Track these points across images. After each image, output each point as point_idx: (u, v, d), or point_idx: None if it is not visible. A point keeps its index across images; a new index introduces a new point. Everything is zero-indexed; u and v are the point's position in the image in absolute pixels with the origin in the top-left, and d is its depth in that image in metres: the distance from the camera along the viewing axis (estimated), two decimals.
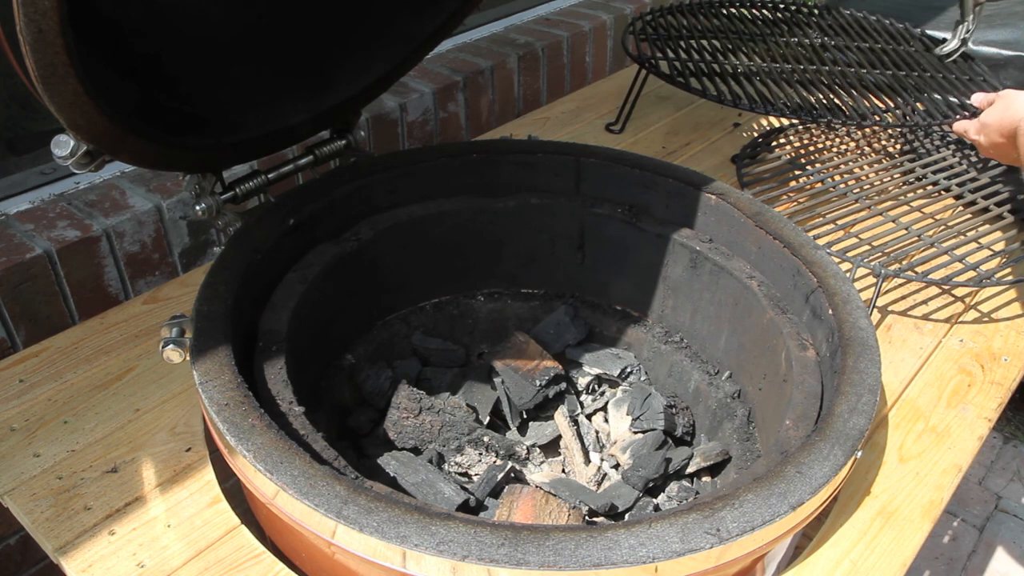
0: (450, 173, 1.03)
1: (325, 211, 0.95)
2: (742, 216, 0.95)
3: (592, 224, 1.05)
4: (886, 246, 1.13)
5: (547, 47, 1.68)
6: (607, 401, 1.04)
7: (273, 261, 0.88)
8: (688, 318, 1.03)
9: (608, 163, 1.03)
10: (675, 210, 1.01)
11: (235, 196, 0.92)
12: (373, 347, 1.03)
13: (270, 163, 0.99)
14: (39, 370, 0.93)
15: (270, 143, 0.94)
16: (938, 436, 0.90)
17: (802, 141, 1.45)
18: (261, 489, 0.65)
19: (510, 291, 1.11)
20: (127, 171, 1.20)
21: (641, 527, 0.60)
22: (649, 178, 1.02)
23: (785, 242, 0.90)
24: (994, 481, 1.91)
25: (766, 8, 1.61)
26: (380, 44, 1.00)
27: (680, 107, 1.59)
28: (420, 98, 1.46)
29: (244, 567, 0.73)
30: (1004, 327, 1.07)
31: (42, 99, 0.62)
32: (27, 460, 0.82)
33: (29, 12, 0.55)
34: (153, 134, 0.76)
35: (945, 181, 1.31)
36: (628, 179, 1.03)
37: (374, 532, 0.58)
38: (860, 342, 0.77)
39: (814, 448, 0.67)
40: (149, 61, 0.81)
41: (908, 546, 0.77)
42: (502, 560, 0.57)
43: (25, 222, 1.08)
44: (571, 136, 1.46)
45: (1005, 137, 0.98)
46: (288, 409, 0.73)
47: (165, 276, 1.17)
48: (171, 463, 0.83)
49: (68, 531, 0.75)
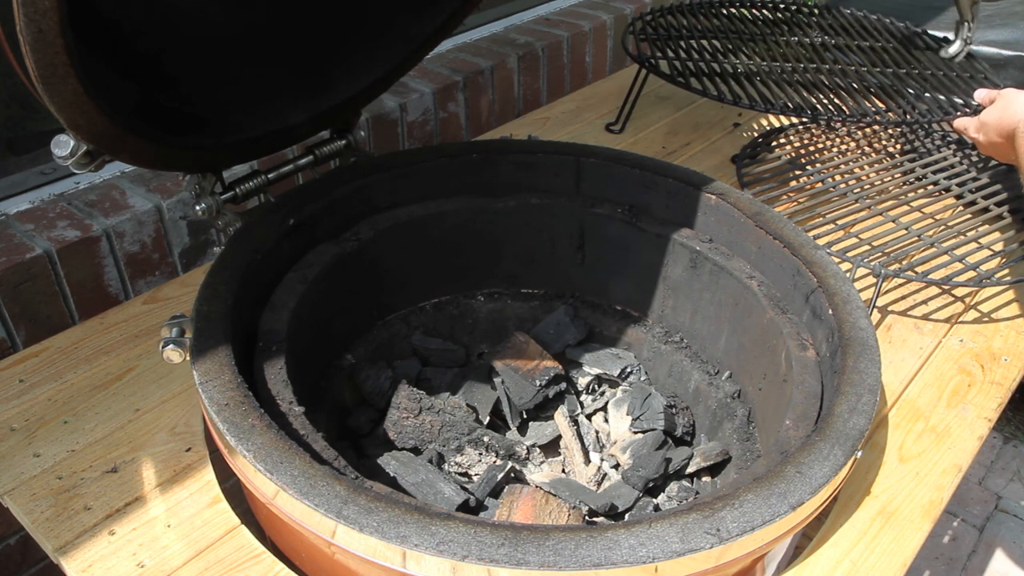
0: (450, 173, 1.03)
1: (325, 211, 0.95)
2: (742, 216, 0.95)
3: (592, 224, 1.05)
4: (886, 246, 1.13)
5: (547, 47, 1.68)
6: (607, 401, 1.04)
7: (273, 261, 0.88)
8: (688, 318, 1.03)
9: (608, 163, 1.03)
10: (675, 210, 1.01)
11: (235, 196, 0.92)
12: (373, 347, 1.03)
13: (270, 163, 0.99)
14: (39, 370, 0.93)
15: (270, 143, 0.94)
16: (938, 436, 0.90)
17: (802, 141, 1.45)
18: (261, 489, 0.65)
19: (510, 291, 1.11)
20: (127, 171, 1.20)
21: (641, 527, 0.60)
22: (649, 178, 1.02)
23: (785, 242, 0.90)
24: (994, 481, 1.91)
25: (766, 8, 1.61)
26: (380, 44, 1.00)
27: (680, 107, 1.59)
28: (420, 98, 1.46)
29: (244, 567, 0.73)
30: (1004, 327, 1.07)
31: (42, 99, 0.62)
32: (27, 460, 0.82)
33: (29, 12, 0.55)
34: (153, 134, 0.76)
35: (945, 181, 1.31)
36: (628, 179, 1.03)
37: (374, 532, 0.58)
38: (860, 342, 0.77)
39: (814, 448, 0.67)
40: (149, 61, 0.81)
41: (908, 546, 0.77)
42: (502, 560, 0.57)
43: (25, 222, 1.08)
44: (571, 136, 1.46)
45: (1003, 137, 0.97)
46: (288, 409, 0.73)
47: (165, 276, 1.17)
48: (171, 463, 0.83)
49: (68, 531, 0.75)
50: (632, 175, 1.02)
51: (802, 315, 0.88)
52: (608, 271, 1.07)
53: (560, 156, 1.04)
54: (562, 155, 1.04)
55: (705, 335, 1.02)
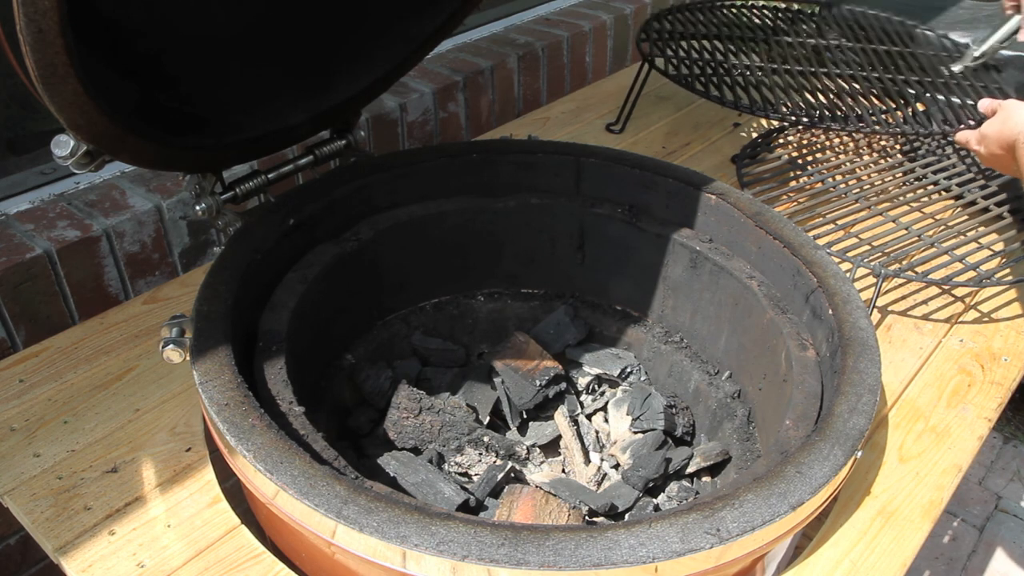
0: (450, 173, 1.03)
1: (325, 211, 0.95)
2: (742, 216, 0.95)
3: (592, 224, 1.05)
4: (886, 246, 1.13)
5: (547, 47, 1.68)
6: (607, 401, 1.04)
7: (273, 261, 0.88)
8: (688, 318, 1.03)
9: (608, 163, 1.03)
10: (675, 210, 1.01)
11: (235, 196, 0.92)
12: (373, 347, 1.03)
13: (270, 163, 0.99)
14: (39, 370, 0.93)
15: (270, 143, 0.94)
16: (938, 436, 0.90)
17: (802, 141, 1.45)
18: (261, 489, 0.65)
19: (510, 291, 1.11)
20: (127, 171, 1.20)
21: (641, 527, 0.60)
22: (649, 178, 1.02)
23: (785, 242, 0.90)
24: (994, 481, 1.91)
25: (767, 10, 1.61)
26: (380, 44, 1.00)
27: (680, 107, 1.59)
28: (420, 98, 1.46)
29: (244, 567, 0.73)
30: (1004, 327, 1.07)
31: (42, 99, 0.62)
32: (27, 460, 0.82)
33: (29, 12, 0.55)
34: (153, 134, 0.76)
35: (945, 181, 1.31)
36: (628, 179, 1.03)
37: (374, 532, 0.58)
38: (860, 342, 0.77)
39: (814, 448, 0.67)
40: (149, 61, 0.81)
41: (908, 546, 0.77)
42: (502, 560, 0.57)
43: (25, 222, 1.08)
44: (571, 136, 1.46)
45: (1004, 149, 0.97)
46: (288, 409, 0.73)
47: (165, 276, 1.17)
48: (171, 463, 0.83)
49: (68, 531, 0.75)
50: (632, 175, 1.02)
51: (802, 315, 0.88)
52: (608, 271, 1.07)
53: (560, 156, 1.04)
54: (562, 155, 1.04)
55: (705, 335, 1.02)
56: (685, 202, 1.00)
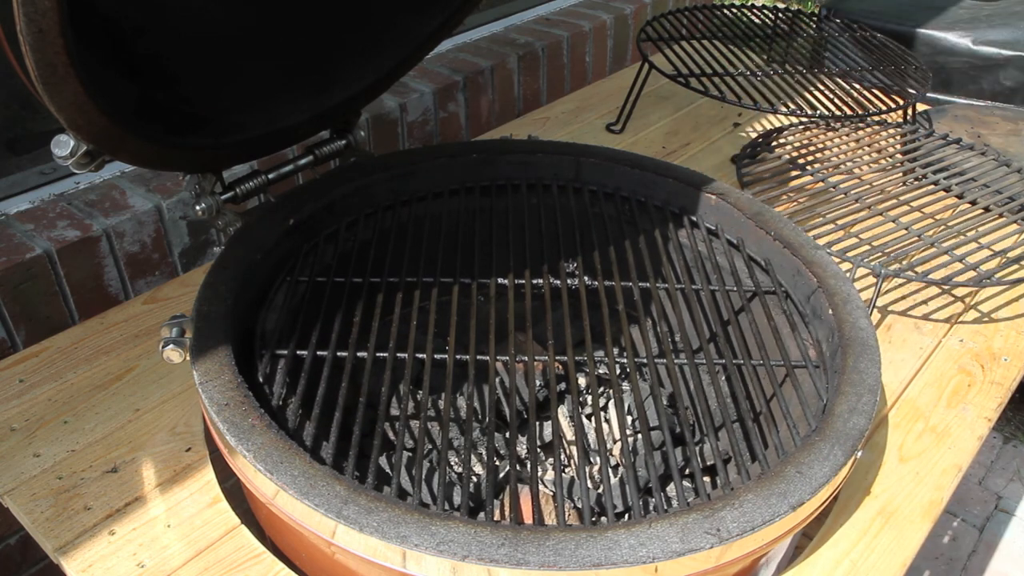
0: (450, 173, 1.03)
1: (325, 211, 0.95)
2: (742, 216, 0.95)
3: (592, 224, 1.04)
4: (886, 246, 1.13)
5: (547, 47, 1.68)
6: (607, 401, 1.04)
7: (273, 261, 0.88)
8: (688, 318, 1.03)
9: (608, 163, 1.03)
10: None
11: (235, 196, 0.92)
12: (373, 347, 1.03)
13: (270, 163, 0.99)
14: (39, 370, 0.93)
15: (270, 143, 0.94)
16: (938, 436, 0.90)
17: (802, 141, 1.45)
18: (261, 489, 0.65)
19: (510, 291, 1.11)
20: (127, 171, 1.20)
21: (641, 527, 0.60)
22: (649, 178, 1.01)
23: (785, 242, 0.90)
24: (994, 481, 1.91)
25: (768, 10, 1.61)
26: (380, 44, 1.00)
27: (680, 107, 1.59)
28: (420, 98, 1.46)
29: (244, 567, 0.73)
30: (1004, 327, 1.07)
31: (42, 99, 0.62)
32: (27, 460, 0.82)
33: (29, 12, 0.55)
34: (153, 134, 0.76)
35: (945, 181, 1.31)
36: (628, 179, 1.02)
37: (374, 532, 0.58)
38: (860, 342, 0.77)
39: (814, 448, 0.67)
40: (149, 61, 0.81)
41: (908, 546, 0.77)
42: (502, 560, 0.57)
43: (25, 222, 1.08)
44: (571, 136, 1.46)
45: None
46: (288, 409, 0.73)
47: (165, 276, 1.17)
48: (171, 463, 0.83)
49: (68, 531, 0.75)
50: (632, 175, 1.02)
51: (802, 315, 0.88)
52: (608, 271, 1.07)
53: (560, 156, 1.04)
54: (562, 155, 1.04)
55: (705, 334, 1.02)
56: (685, 202, 1.00)
